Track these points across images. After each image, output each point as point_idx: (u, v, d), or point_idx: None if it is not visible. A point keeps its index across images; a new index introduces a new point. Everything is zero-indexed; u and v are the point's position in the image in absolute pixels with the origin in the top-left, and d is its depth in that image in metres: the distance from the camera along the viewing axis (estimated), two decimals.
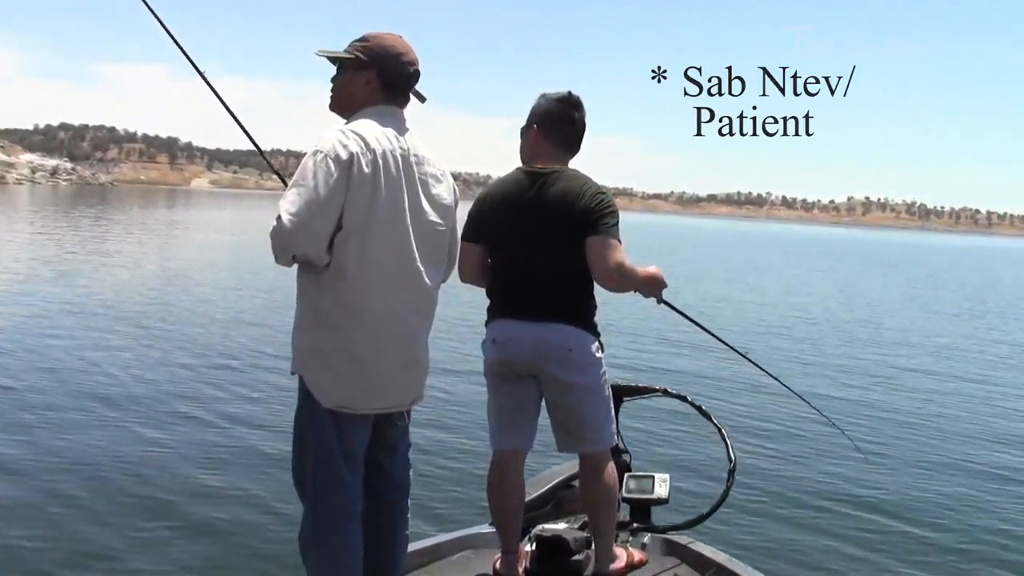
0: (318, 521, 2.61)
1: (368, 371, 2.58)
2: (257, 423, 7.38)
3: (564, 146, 3.19)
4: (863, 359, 12.58)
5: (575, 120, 3.20)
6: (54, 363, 9.17)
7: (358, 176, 2.49)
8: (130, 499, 5.55)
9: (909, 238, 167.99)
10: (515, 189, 3.12)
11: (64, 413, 7.31)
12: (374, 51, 2.69)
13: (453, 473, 6.38)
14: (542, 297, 3.05)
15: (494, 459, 3.25)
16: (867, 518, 5.93)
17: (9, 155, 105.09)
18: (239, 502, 5.59)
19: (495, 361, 3.15)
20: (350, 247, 2.50)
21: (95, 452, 6.36)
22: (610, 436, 3.20)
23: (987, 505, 6.43)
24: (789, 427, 8.31)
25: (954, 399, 10.30)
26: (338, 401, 2.57)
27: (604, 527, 3.21)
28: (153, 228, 37.60)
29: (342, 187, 2.47)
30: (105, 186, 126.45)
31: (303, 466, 2.65)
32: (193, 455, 6.45)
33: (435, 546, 3.39)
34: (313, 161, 2.47)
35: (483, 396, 3.31)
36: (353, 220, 2.49)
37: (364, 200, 2.50)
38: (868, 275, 36.74)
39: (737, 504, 5.23)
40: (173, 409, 7.69)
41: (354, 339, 2.55)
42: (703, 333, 3.87)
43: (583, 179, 3.09)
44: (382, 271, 2.56)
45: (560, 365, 3.05)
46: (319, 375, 2.57)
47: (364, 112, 2.67)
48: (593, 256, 2.97)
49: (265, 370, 9.44)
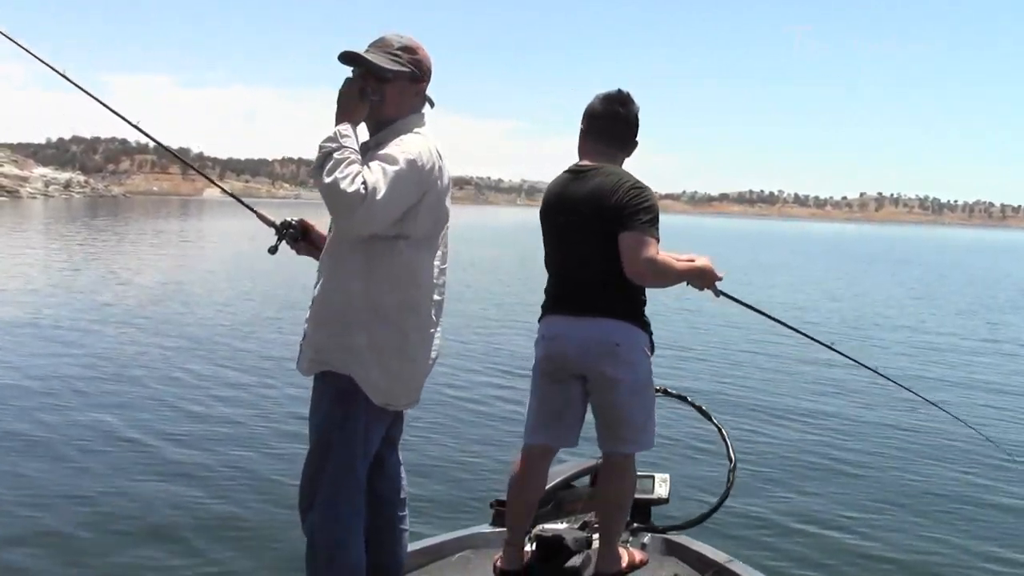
0: (341, 521, 2.62)
1: (415, 369, 2.70)
2: (262, 423, 7.45)
3: (610, 143, 3.21)
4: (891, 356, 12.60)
5: (619, 116, 3.21)
6: (77, 370, 9.26)
7: (434, 189, 2.61)
8: (130, 499, 5.61)
9: (924, 233, 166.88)
10: (559, 189, 3.20)
11: (66, 414, 7.40)
12: (426, 64, 2.73)
13: (453, 473, 6.42)
14: (587, 293, 3.08)
15: (523, 452, 3.27)
16: (867, 518, 5.93)
17: (22, 169, 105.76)
18: (243, 501, 5.65)
19: (543, 358, 3.19)
20: (422, 253, 2.64)
21: (104, 455, 6.43)
22: (649, 440, 3.20)
23: (990, 500, 6.43)
24: (789, 427, 8.32)
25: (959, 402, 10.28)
26: (387, 398, 2.65)
27: (613, 529, 3.23)
28: (167, 238, 37.76)
29: (418, 194, 2.56)
30: (118, 198, 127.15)
31: (323, 465, 2.64)
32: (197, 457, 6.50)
33: (435, 546, 3.41)
34: (406, 158, 2.51)
35: (484, 394, 3.34)
36: (426, 229, 2.63)
37: (436, 211, 2.64)
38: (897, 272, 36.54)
39: (737, 504, 5.23)
40: (182, 409, 7.77)
41: (411, 339, 2.66)
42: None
43: (619, 175, 3.11)
44: (434, 275, 2.71)
45: (607, 361, 3.06)
46: (373, 372, 2.60)
47: (409, 121, 2.69)
48: (624, 253, 3.00)
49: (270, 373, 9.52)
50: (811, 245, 67.76)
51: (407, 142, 2.57)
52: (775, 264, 35.82)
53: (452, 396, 8.70)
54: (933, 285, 29.28)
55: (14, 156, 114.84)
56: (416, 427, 7.08)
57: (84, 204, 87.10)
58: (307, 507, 2.67)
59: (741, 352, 12.58)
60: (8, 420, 7.37)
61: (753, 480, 6.31)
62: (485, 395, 8.97)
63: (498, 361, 11.01)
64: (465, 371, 10.06)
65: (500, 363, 10.88)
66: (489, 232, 59.47)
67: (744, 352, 12.60)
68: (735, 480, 3.67)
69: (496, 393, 9.07)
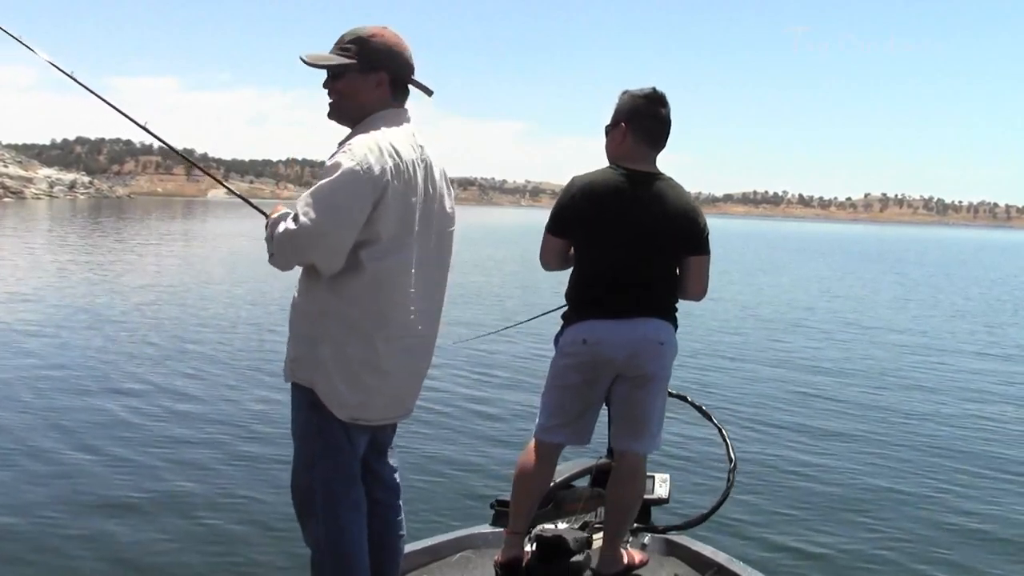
0: (343, 528, 2.57)
1: (389, 381, 2.55)
2: (256, 428, 7.44)
3: (650, 143, 3.17)
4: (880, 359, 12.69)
5: (661, 116, 3.17)
6: (77, 370, 9.28)
7: (393, 192, 2.42)
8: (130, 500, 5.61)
9: (929, 233, 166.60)
10: (614, 190, 3.07)
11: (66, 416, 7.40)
12: (380, 51, 2.55)
13: (453, 473, 6.43)
14: (638, 296, 3.10)
15: (537, 448, 3.26)
16: (868, 518, 5.92)
17: (27, 170, 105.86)
18: (244, 510, 5.63)
19: (584, 363, 3.13)
20: (386, 260, 2.46)
21: (105, 455, 6.44)
22: (660, 441, 3.25)
23: (989, 500, 6.43)
24: (789, 427, 8.30)
25: (961, 402, 10.28)
26: (353, 413, 2.52)
27: (619, 529, 3.24)
28: (172, 239, 37.79)
29: (369, 202, 2.39)
30: (123, 199, 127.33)
31: (309, 476, 2.59)
32: (200, 458, 6.52)
33: (435, 546, 3.40)
34: (343, 169, 2.37)
35: (485, 395, 3.34)
36: (389, 234, 2.44)
37: (398, 214, 2.45)
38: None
39: (737, 504, 5.23)
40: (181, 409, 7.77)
41: (380, 350, 2.50)
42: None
43: (684, 194, 3.18)
44: (410, 282, 2.53)
45: (652, 358, 3.11)
46: (339, 387, 2.49)
47: (378, 117, 2.55)
48: (695, 275, 3.17)
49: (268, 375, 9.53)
50: (816, 244, 67.67)
51: (352, 147, 2.43)
52: (780, 264, 35.80)
53: (452, 396, 8.71)
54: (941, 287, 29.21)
55: (19, 157, 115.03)
56: (417, 427, 7.10)
57: (88, 205, 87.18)
58: (307, 516, 2.63)
59: (742, 352, 12.56)
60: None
61: (753, 480, 6.31)
62: (485, 395, 8.97)
63: (498, 361, 11.01)
64: (465, 371, 10.07)
65: (500, 363, 10.88)
66: (491, 232, 59.43)
67: (745, 352, 12.58)
68: (735, 480, 3.66)
69: (496, 393, 9.08)
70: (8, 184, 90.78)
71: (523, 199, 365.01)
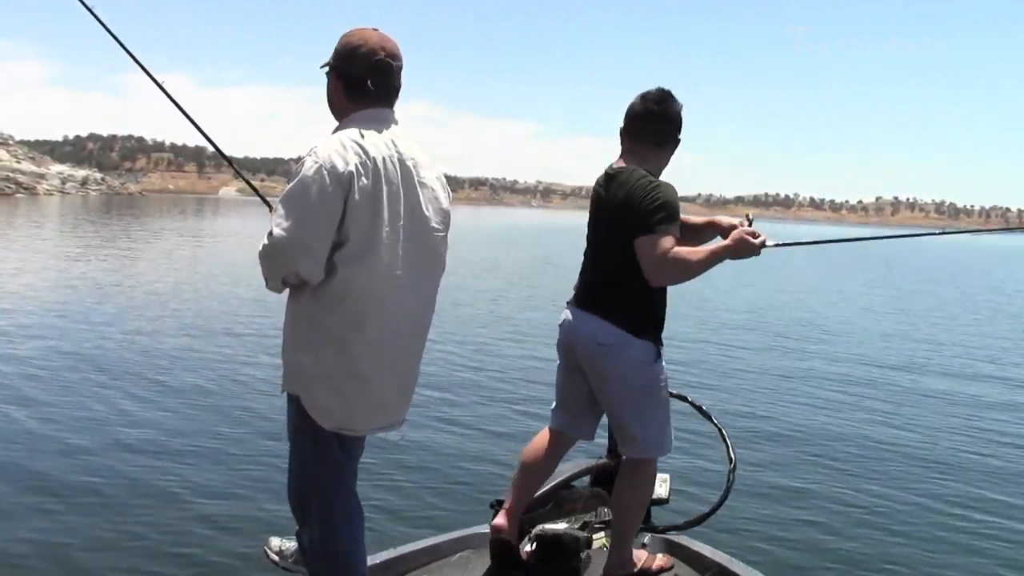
0: (338, 535, 2.56)
1: (371, 388, 2.51)
2: (257, 428, 7.46)
3: (642, 142, 3.17)
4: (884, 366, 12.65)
5: (653, 114, 3.16)
6: (85, 369, 9.33)
7: (360, 190, 2.38)
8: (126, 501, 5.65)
9: (940, 237, 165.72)
10: (595, 189, 3.24)
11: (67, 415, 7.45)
12: (338, 53, 2.58)
13: (453, 473, 6.43)
14: (593, 290, 3.15)
15: (545, 431, 3.35)
16: (867, 518, 5.94)
17: (39, 166, 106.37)
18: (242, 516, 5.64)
19: (559, 343, 3.28)
20: (356, 262, 2.41)
21: (105, 451, 6.48)
22: (655, 445, 3.19)
23: (989, 500, 6.43)
24: (789, 427, 8.30)
25: (961, 405, 10.26)
26: (339, 423, 2.50)
27: (623, 531, 3.23)
28: (184, 236, 37.91)
29: (339, 201, 2.36)
30: (134, 196, 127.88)
31: (305, 485, 2.57)
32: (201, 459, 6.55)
33: (435, 546, 3.40)
34: (308, 173, 2.37)
35: (485, 395, 3.36)
36: (358, 235, 2.40)
37: (367, 214, 2.41)
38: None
39: (737, 504, 5.23)
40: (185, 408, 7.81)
41: (358, 356, 2.46)
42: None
43: (633, 180, 3.04)
44: (386, 285, 2.47)
45: (592, 359, 3.12)
46: (321, 396, 2.47)
47: (353, 119, 2.54)
48: (641, 258, 2.97)
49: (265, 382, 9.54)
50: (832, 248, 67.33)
51: (316, 149, 2.43)
52: (793, 269, 35.67)
53: (452, 396, 8.72)
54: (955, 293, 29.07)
55: (32, 153, 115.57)
56: (417, 428, 7.11)
57: (100, 201, 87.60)
58: (302, 521, 2.63)
59: (742, 352, 12.56)
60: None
61: (753, 480, 6.32)
62: (486, 395, 8.98)
63: (498, 361, 11.02)
64: (465, 371, 10.08)
65: (500, 363, 10.89)
66: (499, 232, 59.40)
67: (745, 352, 12.58)
68: (735, 480, 3.66)
69: (497, 393, 9.07)
70: (21, 180, 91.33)
71: (534, 199, 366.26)
